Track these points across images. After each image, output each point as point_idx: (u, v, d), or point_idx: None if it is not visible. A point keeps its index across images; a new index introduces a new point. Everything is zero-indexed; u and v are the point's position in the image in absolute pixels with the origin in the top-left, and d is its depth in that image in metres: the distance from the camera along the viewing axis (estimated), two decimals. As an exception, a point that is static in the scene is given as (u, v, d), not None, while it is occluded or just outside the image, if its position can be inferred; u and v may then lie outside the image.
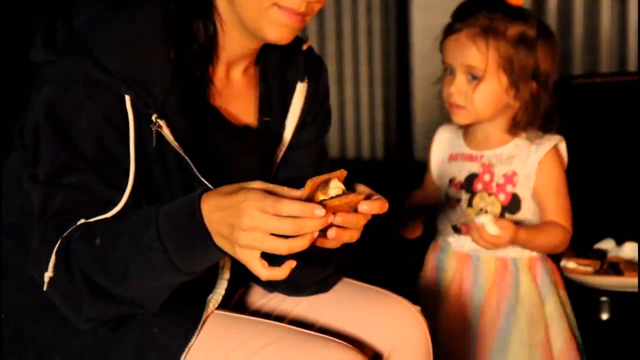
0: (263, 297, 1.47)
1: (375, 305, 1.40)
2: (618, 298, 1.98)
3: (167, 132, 1.19)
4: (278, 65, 1.39)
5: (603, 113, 2.35)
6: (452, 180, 1.77)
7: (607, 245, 2.04)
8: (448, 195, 1.77)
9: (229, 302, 1.41)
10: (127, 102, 1.18)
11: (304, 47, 1.42)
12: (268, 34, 1.24)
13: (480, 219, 1.60)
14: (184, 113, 1.23)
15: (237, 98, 1.35)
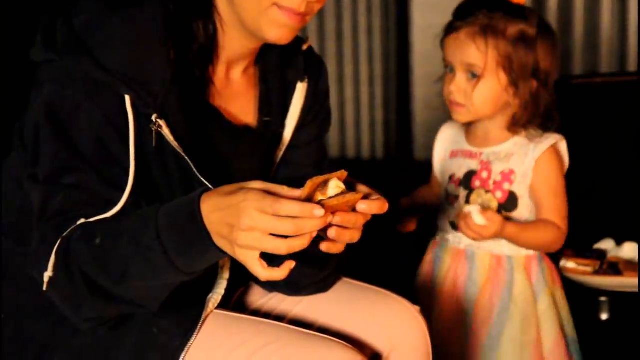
0: (263, 296, 1.47)
1: (375, 305, 1.41)
2: (617, 298, 1.98)
3: (167, 132, 1.19)
4: (278, 65, 1.39)
5: (603, 113, 2.35)
6: (451, 177, 1.78)
7: (606, 246, 2.04)
8: (447, 192, 1.78)
9: (229, 301, 1.41)
10: (127, 102, 1.18)
11: (304, 47, 1.42)
12: (268, 34, 1.24)
13: (468, 208, 1.62)
14: (184, 113, 1.23)
15: (237, 98, 1.35)
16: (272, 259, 1.08)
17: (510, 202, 1.71)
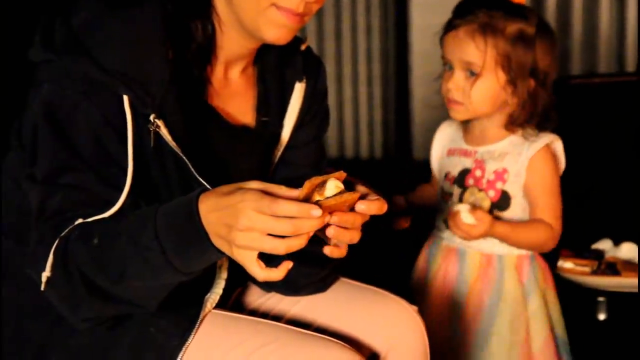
0: (260, 296, 1.47)
1: (373, 305, 1.41)
2: (615, 298, 1.98)
3: (165, 132, 1.19)
4: (276, 66, 1.39)
5: (601, 113, 2.35)
6: (447, 175, 1.78)
7: (604, 246, 2.04)
8: (443, 190, 1.78)
9: (227, 301, 1.41)
10: (125, 102, 1.17)
11: (303, 47, 1.42)
12: (266, 34, 1.24)
13: (457, 207, 1.62)
14: (182, 113, 1.23)
15: (235, 98, 1.35)
16: (270, 259, 1.08)
17: (503, 201, 1.71)
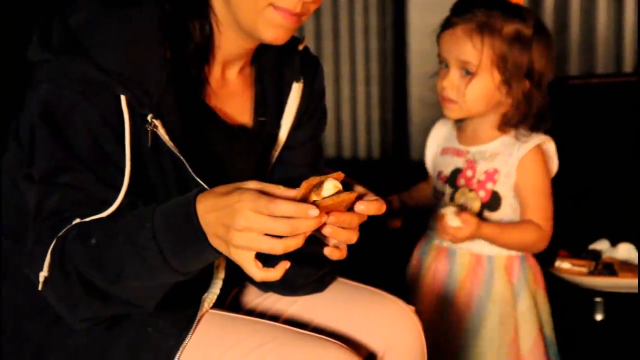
0: (258, 296, 1.47)
1: (370, 305, 1.41)
2: (612, 299, 1.98)
3: (162, 132, 1.19)
4: (274, 66, 1.39)
5: (599, 114, 2.35)
6: (439, 174, 1.78)
7: (601, 246, 2.04)
8: (435, 189, 1.78)
9: (224, 301, 1.41)
10: (122, 102, 1.17)
11: (300, 47, 1.42)
12: (264, 34, 1.24)
13: (443, 210, 1.62)
14: (180, 113, 1.23)
15: (232, 98, 1.35)
16: (267, 259, 1.08)
17: (493, 201, 1.71)
